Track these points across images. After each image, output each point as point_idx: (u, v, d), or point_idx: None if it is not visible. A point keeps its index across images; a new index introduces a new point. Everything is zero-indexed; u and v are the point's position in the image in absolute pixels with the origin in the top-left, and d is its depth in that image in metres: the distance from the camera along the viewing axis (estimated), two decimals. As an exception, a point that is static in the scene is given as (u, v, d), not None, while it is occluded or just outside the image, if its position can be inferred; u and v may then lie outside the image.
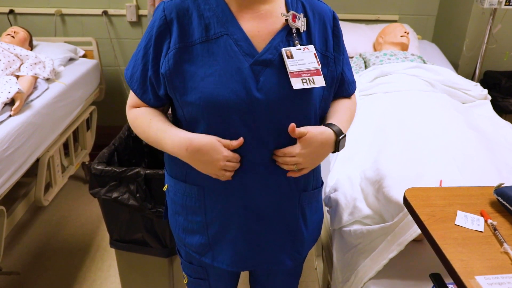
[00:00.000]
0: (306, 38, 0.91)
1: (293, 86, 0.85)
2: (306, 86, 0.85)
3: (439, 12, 2.80)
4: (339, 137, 0.91)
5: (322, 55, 0.92)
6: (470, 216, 0.83)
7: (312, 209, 1.05)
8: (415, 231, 1.02)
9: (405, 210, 1.00)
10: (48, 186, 2.13)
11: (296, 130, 0.86)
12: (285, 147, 0.89)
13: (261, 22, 0.88)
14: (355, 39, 2.44)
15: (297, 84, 0.85)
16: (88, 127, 2.57)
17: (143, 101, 0.94)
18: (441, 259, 0.75)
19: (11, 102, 1.76)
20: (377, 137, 1.48)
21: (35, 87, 1.97)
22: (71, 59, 2.44)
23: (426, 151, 1.29)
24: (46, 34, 2.71)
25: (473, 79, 2.42)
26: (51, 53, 2.28)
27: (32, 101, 1.88)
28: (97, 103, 2.63)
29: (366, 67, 2.16)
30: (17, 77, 1.93)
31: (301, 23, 0.89)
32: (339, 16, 2.68)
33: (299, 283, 1.23)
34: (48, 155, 2.00)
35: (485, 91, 1.92)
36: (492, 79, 2.50)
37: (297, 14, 0.89)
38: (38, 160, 1.95)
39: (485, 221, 0.83)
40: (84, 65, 2.43)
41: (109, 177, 1.41)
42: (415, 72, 1.88)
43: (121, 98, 2.95)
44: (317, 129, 0.89)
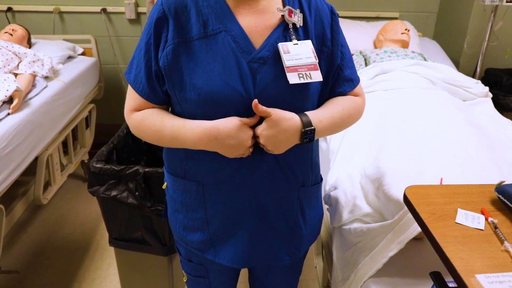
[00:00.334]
0: (303, 33, 0.90)
1: (289, 80, 0.84)
2: (302, 80, 0.85)
3: (440, 9, 2.79)
4: (305, 128, 0.87)
5: (318, 50, 0.91)
6: (470, 214, 0.83)
7: (311, 205, 1.05)
8: (415, 229, 1.01)
9: (405, 208, 0.99)
10: (47, 184, 2.13)
11: (259, 106, 0.83)
12: None
13: (258, 17, 0.89)
14: (356, 36, 2.43)
15: (293, 79, 0.84)
16: (87, 125, 2.56)
17: (150, 101, 0.92)
18: (441, 257, 0.75)
19: (10, 100, 1.76)
20: (377, 135, 1.47)
21: (34, 85, 1.96)
22: (70, 57, 2.43)
23: (426, 149, 1.28)
24: (44, 32, 2.70)
25: (474, 76, 2.41)
26: (49, 51, 2.28)
27: (30, 99, 1.87)
28: (96, 101, 2.62)
29: (366, 64, 2.15)
30: (16, 75, 1.92)
31: (297, 18, 0.89)
32: (339, 13, 2.68)
33: (299, 281, 1.23)
34: (47, 153, 2.00)
35: (486, 88, 1.91)
36: (493, 76, 2.49)
37: (293, 9, 0.89)
38: (37, 158, 1.95)
39: (486, 219, 0.82)
40: (83, 63, 2.43)
41: (108, 175, 1.41)
42: (415, 69, 1.87)
43: (120, 96, 2.94)
44: (285, 114, 0.86)
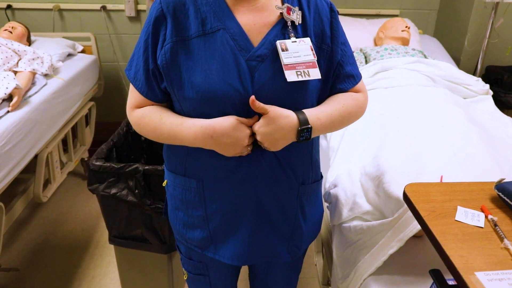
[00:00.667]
0: (301, 30, 0.90)
1: (287, 78, 0.84)
2: (300, 78, 0.84)
3: (440, 6, 2.78)
4: (302, 126, 0.86)
5: (318, 48, 0.91)
6: (470, 211, 0.83)
7: (311, 203, 1.05)
8: (415, 227, 1.01)
9: (405, 206, 0.99)
10: (47, 182, 2.13)
11: (256, 103, 0.83)
12: None
13: (257, 15, 0.88)
14: (356, 34, 2.42)
15: (291, 76, 0.84)
16: (87, 123, 2.56)
17: (149, 98, 0.93)
18: (441, 255, 0.75)
19: (9, 98, 1.76)
20: (377, 132, 1.47)
21: (33, 83, 1.96)
22: (70, 55, 2.42)
23: (426, 147, 1.28)
24: (44, 29, 2.70)
25: (474, 74, 2.40)
26: (49, 48, 2.27)
27: (30, 97, 1.87)
28: (96, 99, 2.62)
29: (366, 62, 2.15)
30: (15, 72, 1.92)
31: (296, 16, 0.88)
32: (340, 10, 2.68)
33: (299, 279, 1.23)
34: (46, 151, 2.00)
35: (487, 86, 1.90)
36: (494, 74, 2.49)
37: (291, 7, 0.89)
38: (36, 156, 1.95)
39: (486, 217, 0.82)
40: (82, 61, 2.42)
41: (107, 173, 1.40)
42: (416, 67, 1.86)
43: (120, 94, 2.94)
44: (282, 112, 0.86)
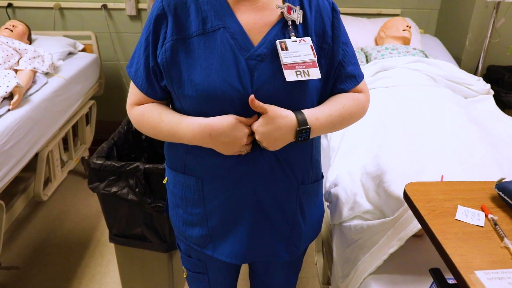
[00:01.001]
0: (302, 30, 0.90)
1: (286, 78, 0.84)
2: (300, 78, 0.84)
3: (442, 6, 2.78)
4: (300, 127, 0.86)
5: (318, 47, 0.90)
6: (470, 211, 0.83)
7: (311, 203, 1.04)
8: (416, 226, 1.01)
9: (406, 205, 0.99)
10: (47, 181, 2.13)
11: (255, 102, 0.83)
12: None
13: (258, 14, 0.88)
14: (357, 33, 2.41)
15: (290, 76, 0.84)
16: (87, 122, 2.56)
17: (149, 96, 0.93)
18: (441, 253, 0.74)
19: (10, 96, 1.76)
20: (378, 131, 1.46)
21: (34, 81, 1.96)
22: (70, 53, 2.42)
23: (427, 146, 1.28)
24: (45, 28, 2.69)
25: (475, 73, 2.39)
26: (50, 47, 2.27)
27: (31, 95, 1.87)
28: (97, 98, 2.62)
29: (367, 61, 2.14)
30: (16, 71, 1.92)
31: (296, 15, 0.88)
32: (341, 10, 2.67)
33: (299, 279, 1.23)
34: (47, 149, 2.00)
35: (488, 85, 1.90)
36: (495, 73, 2.48)
37: (292, 6, 0.88)
38: (37, 154, 1.95)
39: (486, 216, 0.82)
40: (83, 59, 2.42)
41: (108, 171, 1.41)
42: (417, 66, 1.86)
43: (121, 92, 2.94)
44: (281, 112, 0.86)
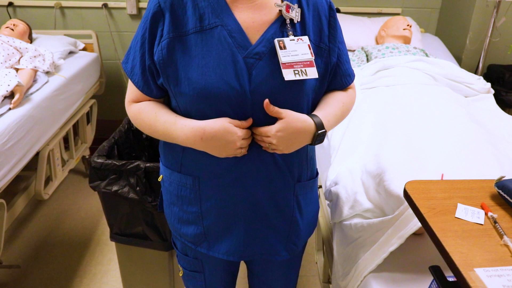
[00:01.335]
0: (300, 29, 0.90)
1: (284, 77, 0.84)
2: (298, 77, 0.84)
3: (442, 5, 2.78)
4: (319, 131, 0.88)
5: (316, 46, 0.91)
6: (470, 209, 0.83)
7: (307, 200, 1.05)
8: (416, 225, 1.01)
9: (406, 203, 0.99)
10: (48, 180, 2.13)
11: (271, 107, 0.84)
12: None
13: (256, 12, 0.88)
14: (357, 32, 2.41)
15: (288, 75, 0.84)
16: (88, 121, 2.57)
17: (145, 93, 0.93)
18: (440, 251, 0.75)
19: (11, 95, 1.76)
20: (378, 130, 1.47)
21: (35, 80, 1.96)
22: (71, 52, 2.43)
23: (427, 145, 1.28)
24: (45, 27, 2.70)
25: (476, 72, 2.40)
26: (50, 46, 2.27)
27: (31, 94, 1.87)
28: (97, 97, 2.63)
29: (368, 60, 2.15)
30: (17, 70, 1.92)
31: (295, 14, 0.88)
32: (342, 9, 2.67)
33: (300, 277, 1.23)
34: (48, 148, 2.00)
35: (488, 84, 1.90)
36: (495, 73, 2.48)
37: (291, 4, 0.88)
38: (38, 153, 1.95)
39: (486, 214, 0.82)
40: (84, 58, 2.42)
41: (109, 170, 1.41)
42: (417, 65, 1.86)
43: (121, 91, 2.94)
44: (299, 116, 0.87)
